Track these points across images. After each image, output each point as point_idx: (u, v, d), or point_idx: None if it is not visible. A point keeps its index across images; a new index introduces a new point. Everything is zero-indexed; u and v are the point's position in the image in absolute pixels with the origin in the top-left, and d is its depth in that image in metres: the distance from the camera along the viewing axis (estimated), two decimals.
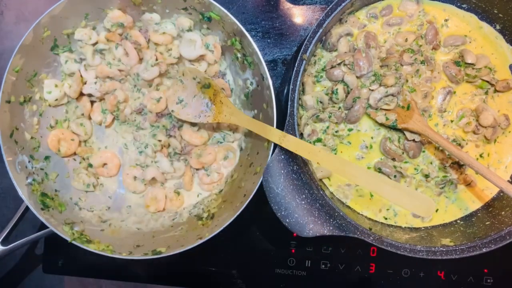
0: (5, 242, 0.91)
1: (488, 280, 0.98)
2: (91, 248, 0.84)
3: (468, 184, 0.93)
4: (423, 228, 0.92)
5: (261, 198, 0.80)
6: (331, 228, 0.80)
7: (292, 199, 0.81)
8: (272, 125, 0.80)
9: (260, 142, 0.86)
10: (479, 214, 0.92)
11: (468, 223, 0.91)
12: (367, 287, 1.00)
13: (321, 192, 0.83)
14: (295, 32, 0.99)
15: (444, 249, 0.82)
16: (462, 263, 0.88)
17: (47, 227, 0.85)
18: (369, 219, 0.93)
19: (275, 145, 0.81)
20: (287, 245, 1.01)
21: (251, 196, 0.81)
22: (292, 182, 0.82)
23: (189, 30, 0.92)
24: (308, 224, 0.80)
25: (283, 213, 0.80)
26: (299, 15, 0.99)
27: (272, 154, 0.81)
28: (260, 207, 0.90)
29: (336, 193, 0.94)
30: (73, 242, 0.84)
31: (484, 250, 0.81)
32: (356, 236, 0.81)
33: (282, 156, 0.81)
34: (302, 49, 0.83)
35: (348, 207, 0.93)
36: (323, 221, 0.81)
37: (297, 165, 0.82)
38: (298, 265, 1.01)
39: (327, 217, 0.81)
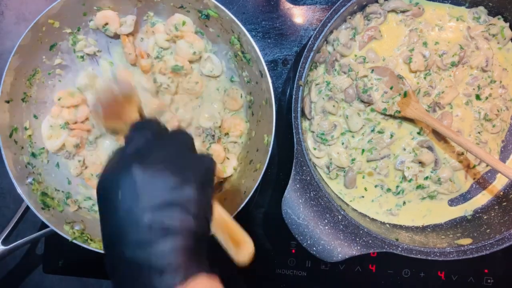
0: (5, 242, 0.91)
1: (489, 281, 0.98)
2: (92, 247, 0.84)
3: (476, 182, 0.94)
4: (423, 227, 0.92)
5: (260, 197, 0.80)
6: (358, 247, 0.80)
7: (315, 226, 0.80)
8: (272, 122, 0.81)
9: (259, 139, 0.86)
10: (483, 215, 0.92)
11: (472, 224, 0.91)
12: (367, 287, 1.00)
13: (342, 213, 0.83)
14: (296, 32, 0.99)
15: (445, 251, 0.82)
16: (462, 264, 0.88)
17: (48, 227, 0.84)
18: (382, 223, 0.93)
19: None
20: (287, 245, 1.01)
21: (251, 194, 0.81)
22: (311, 209, 0.81)
23: None
24: (335, 248, 0.79)
25: (308, 242, 0.79)
26: (300, 15, 0.99)
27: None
28: (259, 205, 0.90)
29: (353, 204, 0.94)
30: (74, 241, 0.84)
31: (485, 252, 0.82)
32: (384, 250, 0.80)
33: (298, 185, 0.81)
34: (297, 76, 0.83)
35: (374, 219, 0.93)
36: (349, 242, 0.80)
37: (313, 191, 0.82)
38: (299, 266, 1.00)
39: (353, 237, 0.81)
